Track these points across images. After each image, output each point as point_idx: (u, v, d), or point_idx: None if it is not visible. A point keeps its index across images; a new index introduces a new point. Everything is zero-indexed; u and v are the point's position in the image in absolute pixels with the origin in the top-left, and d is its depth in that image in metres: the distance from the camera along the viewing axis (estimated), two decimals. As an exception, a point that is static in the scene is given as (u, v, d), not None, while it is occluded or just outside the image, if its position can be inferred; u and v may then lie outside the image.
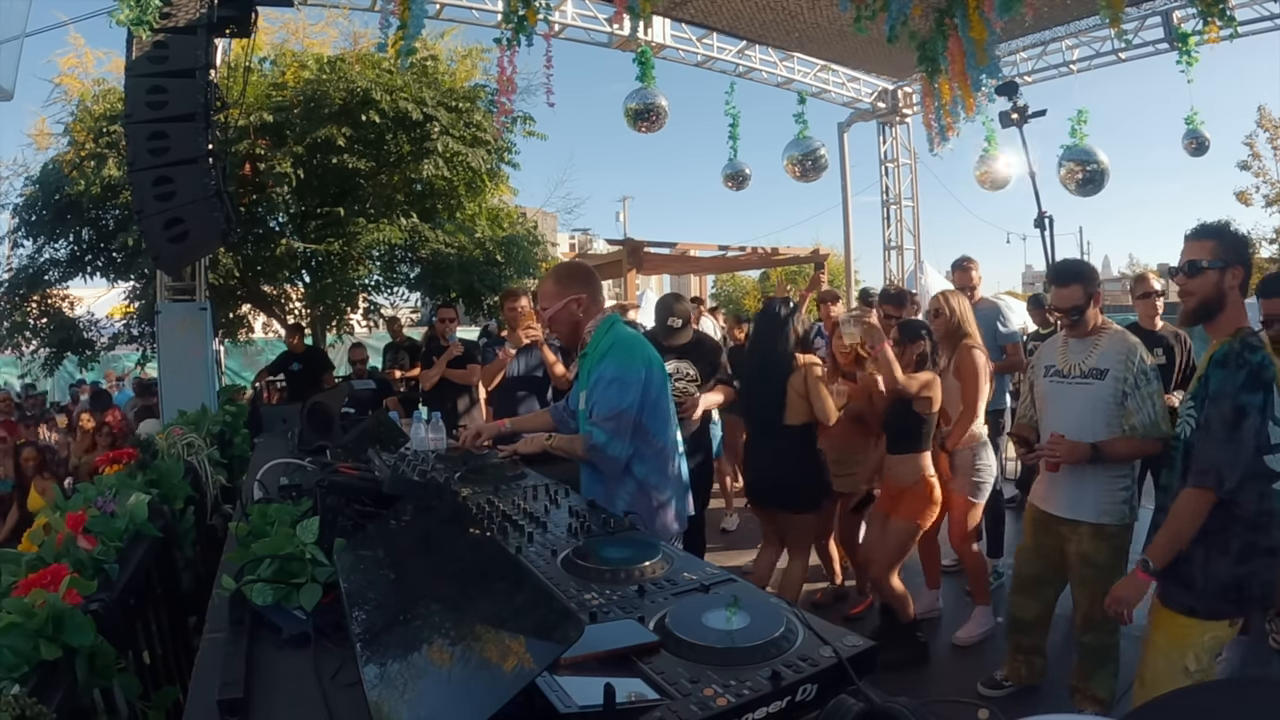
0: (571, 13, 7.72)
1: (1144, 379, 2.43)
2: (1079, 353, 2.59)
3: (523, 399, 4.32)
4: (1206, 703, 0.75)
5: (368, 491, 1.76)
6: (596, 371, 2.21)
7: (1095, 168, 7.27)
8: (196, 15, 4.20)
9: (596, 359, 2.23)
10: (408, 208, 7.98)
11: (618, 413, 2.16)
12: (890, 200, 10.78)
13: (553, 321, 2.35)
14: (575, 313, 2.31)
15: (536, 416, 2.90)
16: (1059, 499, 2.62)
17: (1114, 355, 2.50)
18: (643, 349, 2.28)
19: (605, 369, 2.19)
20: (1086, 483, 2.54)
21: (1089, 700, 2.61)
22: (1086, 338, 2.60)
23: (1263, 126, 16.33)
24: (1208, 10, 5.55)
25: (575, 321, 2.32)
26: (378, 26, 4.95)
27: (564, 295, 2.32)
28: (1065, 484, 2.59)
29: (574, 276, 2.39)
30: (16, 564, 1.53)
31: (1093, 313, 2.59)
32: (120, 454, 2.55)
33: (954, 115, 6.39)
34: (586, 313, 2.32)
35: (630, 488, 2.22)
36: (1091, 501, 2.53)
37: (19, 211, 7.67)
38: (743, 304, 22.38)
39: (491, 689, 0.82)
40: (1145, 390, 2.42)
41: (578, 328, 2.33)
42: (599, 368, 2.21)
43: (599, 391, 2.19)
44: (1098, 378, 2.51)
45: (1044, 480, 2.71)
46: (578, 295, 2.31)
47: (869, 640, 0.99)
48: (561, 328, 2.36)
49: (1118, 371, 2.47)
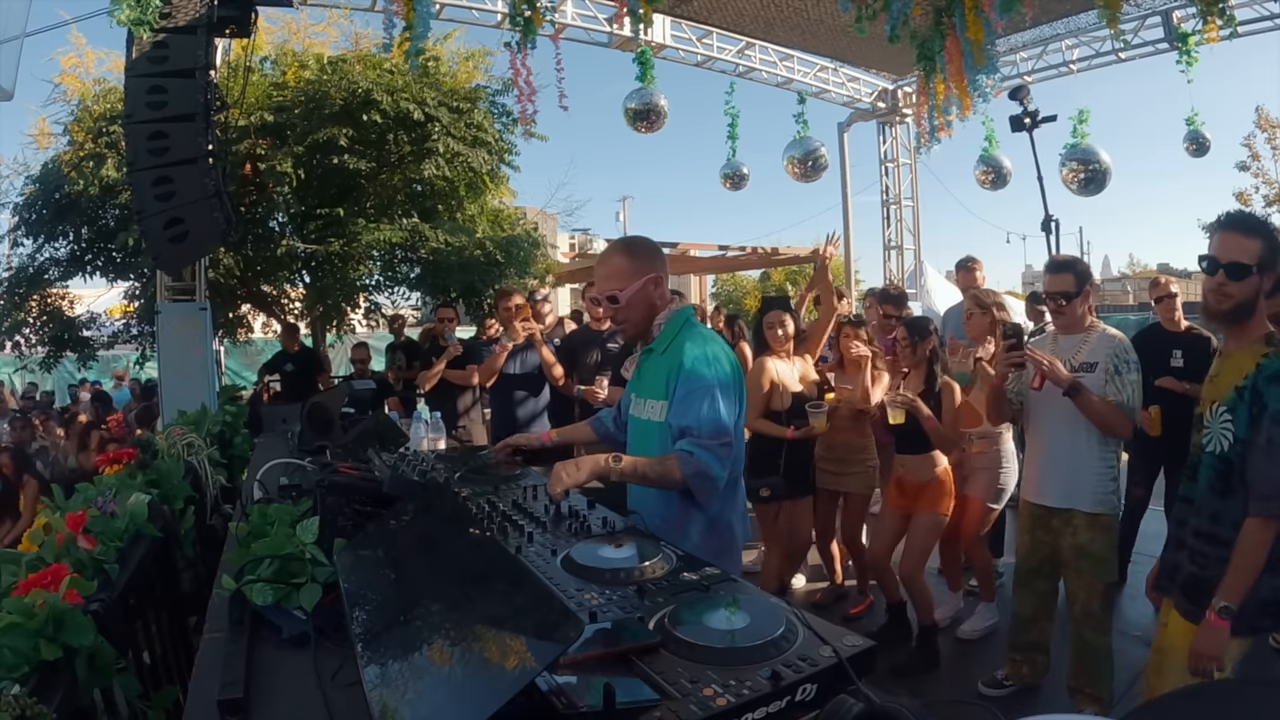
0: (571, 13, 7.72)
1: (1126, 368, 2.49)
2: (1069, 349, 2.62)
3: (522, 400, 4.32)
4: (1206, 703, 0.75)
5: (368, 491, 1.76)
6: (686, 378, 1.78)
7: (1097, 168, 7.27)
8: (196, 15, 4.19)
9: (682, 361, 1.80)
10: (408, 208, 7.98)
11: (728, 436, 1.76)
12: (890, 200, 10.77)
13: (628, 305, 1.87)
14: (652, 295, 1.88)
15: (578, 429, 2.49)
16: (1052, 489, 2.65)
17: (1102, 349, 2.55)
18: (726, 353, 1.87)
19: (700, 375, 1.78)
20: (1080, 472, 2.57)
21: (1089, 700, 2.62)
22: (1076, 335, 2.63)
23: (1261, 127, 16.36)
24: (1207, 9, 5.55)
25: (651, 307, 1.88)
26: (379, 27, 4.97)
27: (640, 273, 1.85)
28: (1058, 474, 2.63)
29: (648, 251, 1.94)
30: (17, 564, 1.53)
31: (1083, 309, 2.63)
32: (120, 454, 2.54)
33: (947, 115, 6.39)
34: (661, 299, 1.90)
35: (702, 523, 1.81)
36: (1088, 491, 2.56)
37: (19, 210, 7.67)
38: (743, 304, 22.39)
39: (491, 689, 0.82)
40: (1126, 377, 2.48)
41: (652, 315, 1.89)
42: (687, 373, 1.78)
43: (700, 406, 1.75)
44: (1088, 371, 2.54)
45: (1035, 471, 2.73)
46: (654, 274, 1.87)
47: (869, 640, 0.99)
48: (635, 314, 1.88)
49: (1105, 362, 2.51)
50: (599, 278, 1.97)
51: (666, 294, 1.91)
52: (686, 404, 1.77)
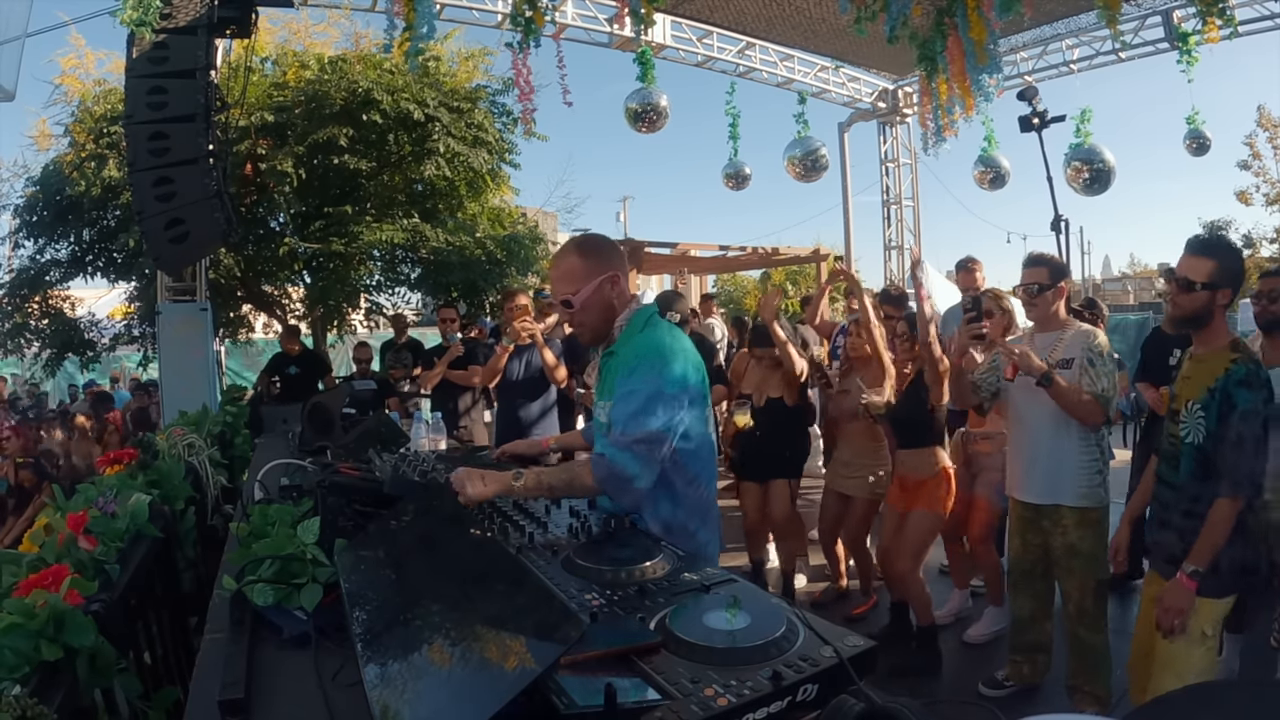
0: (571, 13, 7.72)
1: (1100, 359, 2.53)
2: (1045, 346, 2.64)
3: (527, 401, 4.30)
4: (1206, 703, 0.75)
5: (368, 492, 1.76)
6: (627, 379, 1.69)
7: (1101, 167, 7.26)
8: (197, 15, 4.20)
9: (629, 362, 1.71)
10: (409, 208, 7.98)
11: (652, 434, 1.64)
12: (890, 200, 10.77)
13: (583, 309, 1.76)
14: (609, 296, 1.77)
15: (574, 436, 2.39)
16: (1035, 485, 2.67)
17: (1077, 345, 2.59)
18: (685, 352, 1.76)
19: (640, 376, 1.67)
20: (1063, 466, 2.59)
21: (1088, 698, 2.62)
22: (1051, 333, 2.66)
23: (1262, 126, 16.37)
24: (1207, 9, 5.55)
25: (609, 308, 1.78)
26: (380, 27, 4.98)
27: (595, 273, 1.75)
28: (1040, 469, 2.64)
29: (602, 249, 1.83)
30: (17, 564, 1.54)
31: (1056, 304, 2.66)
32: (120, 454, 2.54)
33: (951, 115, 6.38)
34: (620, 299, 1.79)
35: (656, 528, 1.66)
36: (1070, 485, 2.58)
37: (20, 212, 7.69)
38: (743, 304, 22.40)
39: (492, 689, 0.82)
40: (1101, 368, 2.52)
41: (611, 317, 1.79)
42: (631, 375, 1.69)
43: (630, 404, 1.66)
44: (1064, 368, 2.57)
45: (1018, 468, 2.75)
46: (610, 273, 1.77)
47: (869, 640, 0.99)
48: (591, 317, 1.78)
49: (1079, 357, 2.56)
50: (553, 280, 1.87)
51: (626, 293, 1.81)
52: (619, 404, 1.68)
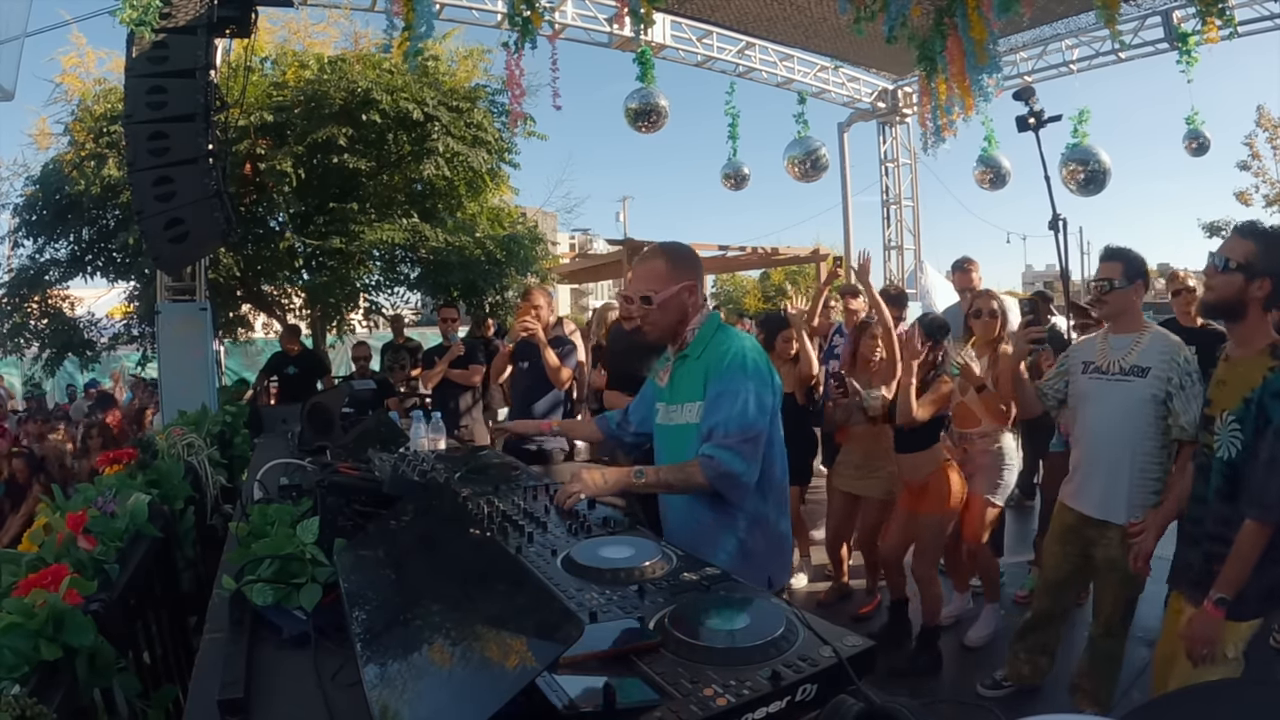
0: (571, 13, 7.72)
1: (1189, 380, 2.33)
2: (1120, 350, 2.50)
3: (534, 400, 4.27)
4: (1206, 703, 0.75)
5: (368, 491, 1.76)
6: (719, 381, 1.83)
7: (1097, 167, 7.27)
8: (197, 15, 4.20)
9: (714, 365, 1.86)
10: (408, 207, 7.98)
11: (754, 433, 1.79)
12: (890, 200, 10.77)
13: (661, 308, 1.92)
14: (686, 303, 1.94)
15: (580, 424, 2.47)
16: (1091, 498, 2.55)
17: (1157, 353, 2.41)
18: (760, 353, 1.93)
19: (732, 378, 1.82)
20: (1120, 481, 2.46)
21: (1089, 699, 2.61)
22: (1128, 335, 2.50)
23: (1262, 126, 16.34)
24: (1206, 9, 5.55)
25: (684, 313, 1.94)
26: (379, 27, 4.98)
27: (678, 279, 1.92)
28: (1099, 482, 2.53)
29: (687, 258, 2.00)
30: (17, 564, 1.53)
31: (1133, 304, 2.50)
32: (120, 454, 2.54)
33: (950, 115, 6.38)
34: (694, 307, 1.96)
35: (742, 524, 1.86)
36: (1124, 503, 2.46)
37: (19, 211, 7.65)
38: (743, 303, 22.43)
39: (492, 689, 0.82)
40: (1191, 391, 2.32)
41: (684, 322, 1.95)
42: (723, 377, 1.83)
43: (729, 406, 1.80)
44: (1139, 375, 2.42)
45: (1077, 475, 2.63)
46: (690, 282, 1.94)
47: (869, 640, 0.99)
48: (667, 317, 1.94)
49: (1160, 370, 2.38)
50: (636, 277, 2.01)
51: (699, 302, 1.96)
52: (715, 405, 1.81)
